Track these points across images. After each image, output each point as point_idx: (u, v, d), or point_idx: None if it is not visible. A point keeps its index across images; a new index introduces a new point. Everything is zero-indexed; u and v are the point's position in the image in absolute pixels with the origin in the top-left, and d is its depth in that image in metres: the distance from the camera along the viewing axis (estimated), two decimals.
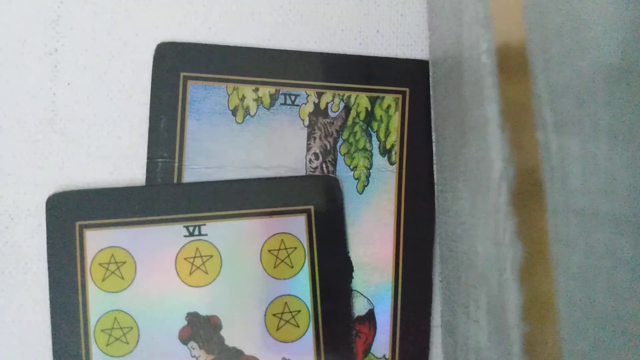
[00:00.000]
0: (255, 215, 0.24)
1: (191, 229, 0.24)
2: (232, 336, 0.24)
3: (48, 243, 0.23)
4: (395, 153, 0.26)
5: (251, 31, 0.26)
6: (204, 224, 0.24)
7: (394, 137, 0.26)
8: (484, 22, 0.18)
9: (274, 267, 0.24)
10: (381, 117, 0.26)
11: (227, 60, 0.26)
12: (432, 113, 0.25)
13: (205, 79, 0.25)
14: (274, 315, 0.24)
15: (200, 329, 0.23)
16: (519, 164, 0.16)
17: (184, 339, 0.23)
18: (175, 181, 0.25)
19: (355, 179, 0.26)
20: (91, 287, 0.23)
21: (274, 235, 0.24)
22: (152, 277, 0.23)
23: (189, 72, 0.25)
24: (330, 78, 0.26)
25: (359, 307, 0.25)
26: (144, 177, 0.25)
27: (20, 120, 0.25)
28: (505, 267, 0.17)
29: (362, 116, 0.26)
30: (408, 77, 0.26)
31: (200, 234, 0.24)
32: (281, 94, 0.26)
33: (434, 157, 0.25)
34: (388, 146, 0.26)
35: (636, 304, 0.11)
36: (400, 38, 0.26)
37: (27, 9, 0.25)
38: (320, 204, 0.24)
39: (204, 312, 0.24)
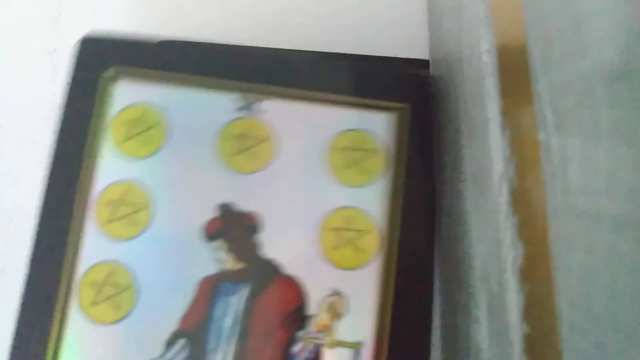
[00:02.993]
0: (330, 102, 0.19)
1: (247, 102, 0.19)
2: (271, 244, 0.18)
3: (69, 93, 0.19)
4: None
5: (251, 31, 0.26)
6: (264, 99, 0.19)
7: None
8: (484, 22, 0.18)
9: (343, 168, 0.18)
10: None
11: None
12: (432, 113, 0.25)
13: None
14: (332, 229, 0.18)
15: (233, 226, 0.18)
16: (519, 164, 0.16)
17: (212, 234, 0.18)
18: None
19: None
20: (107, 146, 0.18)
21: (352, 129, 0.19)
22: (185, 149, 0.18)
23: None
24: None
25: None
26: None
27: (20, 120, 0.25)
28: (505, 267, 0.17)
29: None
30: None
31: (256, 110, 0.19)
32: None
33: (435, 158, 0.25)
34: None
35: (636, 304, 0.11)
36: (400, 38, 0.26)
37: (27, 8, 0.25)
38: (418, 104, 0.19)
39: (241, 204, 0.18)
